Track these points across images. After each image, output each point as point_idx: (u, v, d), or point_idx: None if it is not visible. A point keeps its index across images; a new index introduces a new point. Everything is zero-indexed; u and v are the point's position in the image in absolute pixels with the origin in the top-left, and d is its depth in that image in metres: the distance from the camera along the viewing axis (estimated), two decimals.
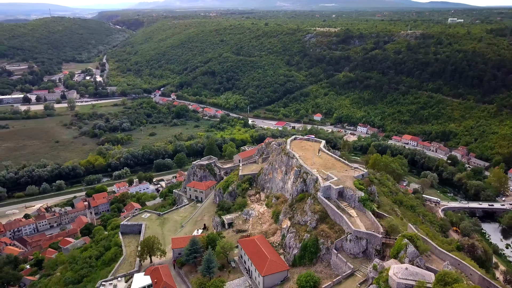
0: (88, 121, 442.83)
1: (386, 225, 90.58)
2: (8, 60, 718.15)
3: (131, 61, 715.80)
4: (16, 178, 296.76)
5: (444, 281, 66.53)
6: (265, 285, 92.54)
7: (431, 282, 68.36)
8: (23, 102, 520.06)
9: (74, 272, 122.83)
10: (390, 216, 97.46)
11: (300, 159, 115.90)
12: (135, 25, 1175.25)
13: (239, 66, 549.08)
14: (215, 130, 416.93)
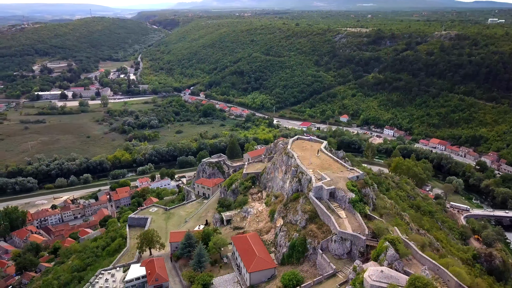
0: (119, 118, 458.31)
1: (374, 227, 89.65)
2: (49, 58, 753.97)
3: (164, 60, 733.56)
4: (47, 170, 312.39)
5: (414, 285, 65.80)
6: (251, 281, 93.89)
7: (403, 285, 67.67)
8: (60, 98, 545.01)
9: (81, 261, 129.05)
10: (381, 219, 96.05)
11: (298, 159, 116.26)
12: (171, 25, 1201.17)
13: (267, 66, 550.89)
14: (240, 129, 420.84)
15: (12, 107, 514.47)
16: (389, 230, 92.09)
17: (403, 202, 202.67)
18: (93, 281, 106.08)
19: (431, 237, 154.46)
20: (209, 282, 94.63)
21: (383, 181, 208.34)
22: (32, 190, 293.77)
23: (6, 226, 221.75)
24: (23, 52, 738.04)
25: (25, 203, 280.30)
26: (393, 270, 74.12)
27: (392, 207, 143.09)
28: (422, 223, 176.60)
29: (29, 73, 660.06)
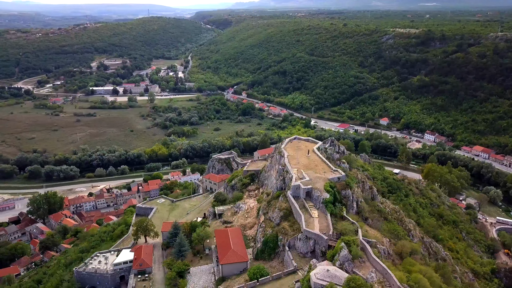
0: (163, 114, 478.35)
1: (340, 228, 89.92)
2: (107, 55, 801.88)
3: (211, 59, 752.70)
4: (90, 161, 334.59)
5: (349, 285, 66.60)
6: (223, 273, 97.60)
7: (341, 285, 68.53)
8: (112, 94, 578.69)
9: (88, 243, 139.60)
10: (354, 222, 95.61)
11: (287, 158, 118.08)
12: (224, 24, 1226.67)
13: (310, 67, 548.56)
14: (276, 128, 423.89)
15: (69, 100, 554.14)
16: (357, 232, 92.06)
17: (423, 209, 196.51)
18: (88, 262, 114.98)
19: (439, 247, 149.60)
20: (184, 270, 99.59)
21: (403, 186, 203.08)
22: (74, 178, 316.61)
23: (45, 209, 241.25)
24: (84, 50, 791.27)
25: (67, 189, 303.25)
26: (342, 270, 74.86)
27: (393, 212, 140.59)
28: (437, 232, 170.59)
29: (87, 69, 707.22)
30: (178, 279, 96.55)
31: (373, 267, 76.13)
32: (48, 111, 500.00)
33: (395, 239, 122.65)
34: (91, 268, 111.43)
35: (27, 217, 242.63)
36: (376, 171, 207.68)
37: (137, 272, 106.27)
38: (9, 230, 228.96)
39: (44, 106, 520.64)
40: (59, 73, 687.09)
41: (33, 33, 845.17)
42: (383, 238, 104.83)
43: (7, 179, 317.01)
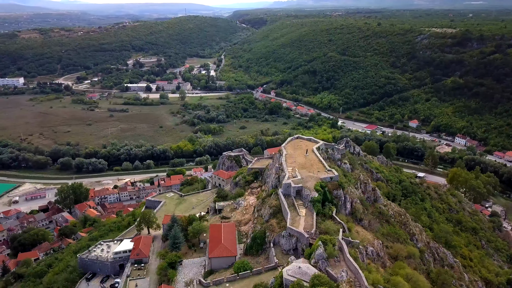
0: (192, 111, 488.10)
1: (323, 227, 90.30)
2: (143, 53, 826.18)
3: (243, 58, 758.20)
4: (118, 155, 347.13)
5: (313, 282, 67.53)
6: (212, 266, 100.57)
7: (308, 281, 69.54)
8: (145, 91, 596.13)
9: (98, 233, 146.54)
10: (343, 222, 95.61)
11: (285, 156, 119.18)
12: (259, 23, 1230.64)
13: (341, 66, 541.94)
14: (302, 128, 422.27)
15: (104, 96, 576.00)
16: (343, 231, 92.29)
17: (439, 214, 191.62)
18: (92, 249, 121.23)
19: (447, 253, 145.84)
20: (175, 261, 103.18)
21: (420, 190, 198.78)
22: (102, 170, 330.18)
23: (71, 199, 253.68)
24: (122, 48, 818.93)
25: (95, 181, 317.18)
26: (315, 268, 75.64)
27: (397, 215, 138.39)
28: (450, 238, 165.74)
29: (123, 66, 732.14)
30: (169, 269, 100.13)
31: (347, 267, 76.32)
32: (85, 106, 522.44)
33: (393, 242, 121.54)
34: (93, 256, 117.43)
35: (55, 206, 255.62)
36: (393, 173, 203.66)
37: (134, 261, 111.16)
38: (38, 217, 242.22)
39: (81, 101, 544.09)
40: (97, 70, 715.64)
41: (75, 32, 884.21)
42: (374, 240, 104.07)
43: (42, 169, 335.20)
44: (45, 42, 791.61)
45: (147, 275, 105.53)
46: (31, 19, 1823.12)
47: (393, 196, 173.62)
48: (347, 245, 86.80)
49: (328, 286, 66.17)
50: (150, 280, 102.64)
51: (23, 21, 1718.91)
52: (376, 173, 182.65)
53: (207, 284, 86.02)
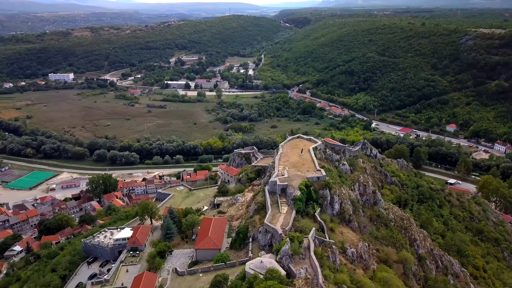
0: (226, 109, 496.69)
1: (299, 225, 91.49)
2: (186, 52, 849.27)
3: (282, 57, 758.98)
4: (150, 149, 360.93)
5: (266, 276, 69.71)
6: (197, 257, 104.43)
7: (263, 274, 71.84)
8: (184, 88, 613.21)
9: (109, 221, 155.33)
10: (322, 222, 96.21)
11: (279, 155, 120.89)
12: (303, 23, 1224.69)
13: (379, 67, 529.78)
14: (333, 129, 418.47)
15: (145, 93, 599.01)
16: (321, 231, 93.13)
17: (458, 222, 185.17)
18: (96, 235, 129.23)
19: (453, 262, 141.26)
20: (164, 250, 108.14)
21: (439, 197, 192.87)
22: (134, 163, 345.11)
23: (101, 189, 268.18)
24: (166, 46, 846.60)
25: (127, 173, 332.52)
26: (279, 263, 77.63)
27: (398, 219, 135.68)
28: (463, 247, 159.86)
29: (166, 64, 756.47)
30: (157, 257, 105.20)
31: (309, 265, 77.49)
32: (126, 102, 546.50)
33: (387, 246, 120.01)
34: (96, 241, 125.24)
35: (86, 195, 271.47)
36: (411, 178, 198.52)
37: (130, 248, 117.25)
38: (70, 205, 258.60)
39: (123, 96, 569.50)
40: (141, 67, 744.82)
41: (124, 30, 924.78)
42: (359, 242, 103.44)
43: (79, 160, 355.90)
44: (95, 40, 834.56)
45: (139, 262, 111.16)
46: (87, 18, 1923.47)
47: (405, 201, 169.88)
48: (320, 244, 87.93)
49: (279, 280, 67.91)
50: (141, 267, 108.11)
51: (79, 20, 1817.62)
52: (390, 177, 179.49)
53: (182, 273, 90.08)
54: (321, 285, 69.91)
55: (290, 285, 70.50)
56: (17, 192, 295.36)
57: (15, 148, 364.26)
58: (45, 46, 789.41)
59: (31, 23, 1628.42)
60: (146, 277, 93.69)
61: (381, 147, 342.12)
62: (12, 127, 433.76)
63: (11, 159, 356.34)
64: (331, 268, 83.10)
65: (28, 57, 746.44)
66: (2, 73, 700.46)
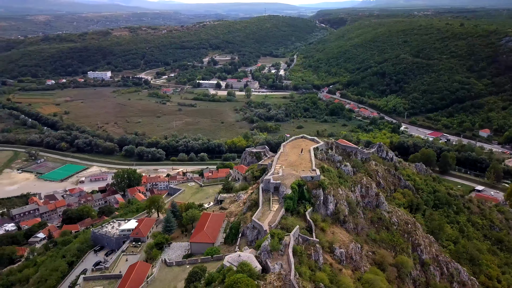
0: (254, 109, 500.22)
1: (287, 223, 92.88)
2: (219, 52, 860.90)
3: (314, 58, 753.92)
4: (176, 146, 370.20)
5: (237, 269, 71.99)
6: (192, 250, 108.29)
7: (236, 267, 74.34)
8: (215, 87, 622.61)
9: (121, 212, 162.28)
10: (311, 221, 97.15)
11: (279, 154, 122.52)
12: (339, 23, 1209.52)
13: (412, 69, 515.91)
14: (361, 131, 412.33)
15: (177, 91, 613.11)
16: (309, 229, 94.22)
17: (477, 230, 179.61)
18: (104, 225, 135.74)
19: (460, 269, 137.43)
20: (162, 242, 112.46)
21: (457, 203, 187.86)
22: (160, 159, 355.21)
23: (125, 183, 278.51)
24: (200, 46, 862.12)
25: (153, 169, 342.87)
26: (256, 258, 79.76)
27: (402, 223, 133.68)
28: (476, 256, 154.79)
29: (199, 63, 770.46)
30: (154, 249, 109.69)
31: (286, 261, 78.96)
32: (158, 100, 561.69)
33: (386, 249, 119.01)
34: (103, 231, 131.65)
35: (111, 188, 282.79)
36: (429, 182, 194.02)
37: (133, 239, 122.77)
38: (95, 197, 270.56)
39: (156, 95, 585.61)
40: (175, 66, 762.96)
41: (160, 30, 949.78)
42: (351, 243, 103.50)
43: (109, 155, 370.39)
44: (133, 39, 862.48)
45: (139, 252, 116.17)
46: (128, 18, 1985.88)
47: (417, 205, 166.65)
48: (304, 242, 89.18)
49: (249, 274, 70.01)
50: (140, 257, 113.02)
51: (121, 20, 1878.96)
52: (405, 180, 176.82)
53: (170, 263, 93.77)
54: (292, 281, 71.26)
55: (261, 279, 72.42)
56: (50, 183, 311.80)
57: (51, 142, 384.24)
58: (86, 45, 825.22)
59: (76, 23, 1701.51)
60: (139, 266, 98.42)
61: (408, 151, 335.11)
62: (50, 121, 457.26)
63: (47, 152, 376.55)
64: (311, 266, 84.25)
65: (70, 55, 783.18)
66: (46, 71, 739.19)
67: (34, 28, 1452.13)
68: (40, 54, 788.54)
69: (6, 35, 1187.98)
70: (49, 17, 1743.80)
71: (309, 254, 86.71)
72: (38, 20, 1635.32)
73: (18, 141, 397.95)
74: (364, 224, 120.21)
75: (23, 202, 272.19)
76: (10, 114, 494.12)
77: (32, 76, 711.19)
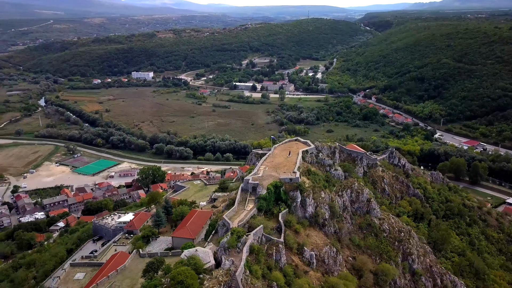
0: (286, 111, 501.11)
1: (255, 222, 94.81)
2: (259, 54, 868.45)
3: (353, 61, 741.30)
4: (204, 145, 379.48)
5: (184, 262, 75.46)
6: (174, 244, 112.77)
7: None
8: (251, 90, 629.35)
9: (128, 206, 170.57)
10: (281, 221, 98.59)
11: (267, 156, 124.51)
12: (385, 26, 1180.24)
13: (453, 74, 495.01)
14: (392, 137, 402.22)
15: (214, 93, 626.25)
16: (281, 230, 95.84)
17: (491, 244, 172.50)
18: (105, 217, 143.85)
19: (457, 282, 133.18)
20: (149, 235, 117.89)
21: (472, 214, 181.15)
22: (187, 158, 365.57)
23: (149, 180, 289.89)
24: (240, 48, 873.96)
25: (180, 167, 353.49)
26: (215, 254, 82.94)
27: (393, 231, 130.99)
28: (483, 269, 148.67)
29: (237, 66, 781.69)
30: (139, 241, 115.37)
31: (239, 258, 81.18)
32: (194, 100, 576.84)
33: (370, 256, 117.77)
34: (103, 222, 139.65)
35: (136, 184, 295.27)
36: (443, 192, 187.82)
37: (126, 231, 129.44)
38: (120, 191, 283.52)
39: (193, 95, 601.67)
40: (214, 68, 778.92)
41: (203, 32, 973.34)
42: (325, 246, 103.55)
43: (141, 152, 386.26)
44: (176, 41, 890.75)
45: (129, 244, 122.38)
46: (177, 20, 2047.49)
47: (421, 214, 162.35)
48: (267, 242, 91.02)
49: (193, 267, 73.09)
50: (128, 248, 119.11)
51: (171, 22, 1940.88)
52: (414, 188, 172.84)
53: (143, 255, 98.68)
54: (236, 276, 73.46)
55: (207, 273, 75.18)
56: (82, 176, 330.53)
57: (88, 138, 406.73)
58: (132, 46, 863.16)
59: (129, 25, 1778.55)
60: (119, 256, 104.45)
61: (438, 159, 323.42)
62: (91, 119, 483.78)
63: (84, 147, 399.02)
64: (270, 265, 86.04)
65: (116, 56, 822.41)
66: (94, 70, 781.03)
67: (89, 30, 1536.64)
68: (89, 54, 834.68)
69: (64, 36, 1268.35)
70: (104, 20, 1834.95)
71: (270, 254, 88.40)
72: (93, 22, 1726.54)
73: (60, 136, 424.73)
74: (350, 229, 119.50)
75: (56, 193, 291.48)
76: (56, 110, 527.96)
77: (81, 75, 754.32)
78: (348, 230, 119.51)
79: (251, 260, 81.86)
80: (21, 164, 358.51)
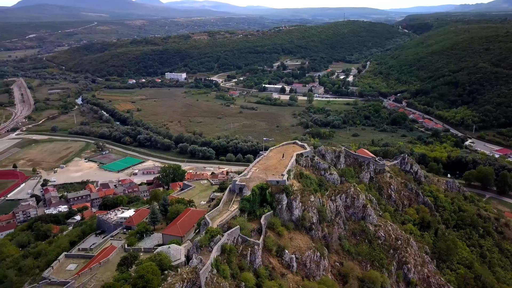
0: (312, 114, 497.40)
1: (234, 223, 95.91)
2: (291, 56, 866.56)
3: (387, 64, 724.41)
4: (226, 146, 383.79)
5: (151, 257, 77.85)
6: (164, 241, 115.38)
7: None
8: (280, 92, 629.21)
9: (136, 203, 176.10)
10: (263, 223, 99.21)
11: (260, 158, 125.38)
12: (423, 29, 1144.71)
13: (489, 79, 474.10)
14: (420, 143, 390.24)
15: (243, 94, 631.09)
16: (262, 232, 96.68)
17: (505, 257, 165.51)
18: (109, 212, 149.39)
19: None
20: (143, 231, 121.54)
21: (487, 226, 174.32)
22: (210, 158, 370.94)
23: (169, 178, 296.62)
24: (272, 50, 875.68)
25: (202, 166, 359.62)
26: (188, 252, 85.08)
27: (389, 238, 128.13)
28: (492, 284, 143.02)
29: (269, 68, 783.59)
30: (132, 236, 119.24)
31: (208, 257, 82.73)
32: (223, 102, 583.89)
33: (360, 263, 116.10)
34: (106, 217, 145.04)
35: (157, 182, 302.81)
36: (456, 201, 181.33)
37: (125, 227, 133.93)
38: (141, 188, 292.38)
39: (222, 97, 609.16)
40: (246, 70, 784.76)
41: (236, 34, 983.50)
42: (308, 250, 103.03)
43: (166, 151, 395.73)
44: (210, 43, 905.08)
45: (125, 239, 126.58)
46: (216, 23, 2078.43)
47: (427, 223, 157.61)
48: (243, 242, 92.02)
49: (158, 263, 75.32)
50: (123, 242, 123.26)
51: (209, 24, 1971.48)
52: (423, 196, 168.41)
53: (128, 249, 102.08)
54: (200, 274, 74.95)
55: (172, 270, 77.13)
56: (108, 173, 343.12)
57: (117, 136, 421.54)
58: (167, 48, 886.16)
59: (168, 27, 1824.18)
60: (108, 249, 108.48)
61: (466, 167, 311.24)
62: (122, 117, 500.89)
63: (112, 144, 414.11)
64: (243, 266, 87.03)
65: (152, 57, 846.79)
66: (130, 71, 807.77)
67: (130, 32, 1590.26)
68: (126, 55, 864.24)
69: (106, 38, 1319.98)
70: (145, 22, 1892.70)
71: (244, 254, 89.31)
72: (134, 24, 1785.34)
73: (92, 133, 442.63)
74: (341, 235, 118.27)
75: (81, 188, 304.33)
76: (91, 109, 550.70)
77: (118, 75, 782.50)
78: (339, 235, 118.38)
79: (221, 260, 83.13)
80: (53, 159, 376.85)
